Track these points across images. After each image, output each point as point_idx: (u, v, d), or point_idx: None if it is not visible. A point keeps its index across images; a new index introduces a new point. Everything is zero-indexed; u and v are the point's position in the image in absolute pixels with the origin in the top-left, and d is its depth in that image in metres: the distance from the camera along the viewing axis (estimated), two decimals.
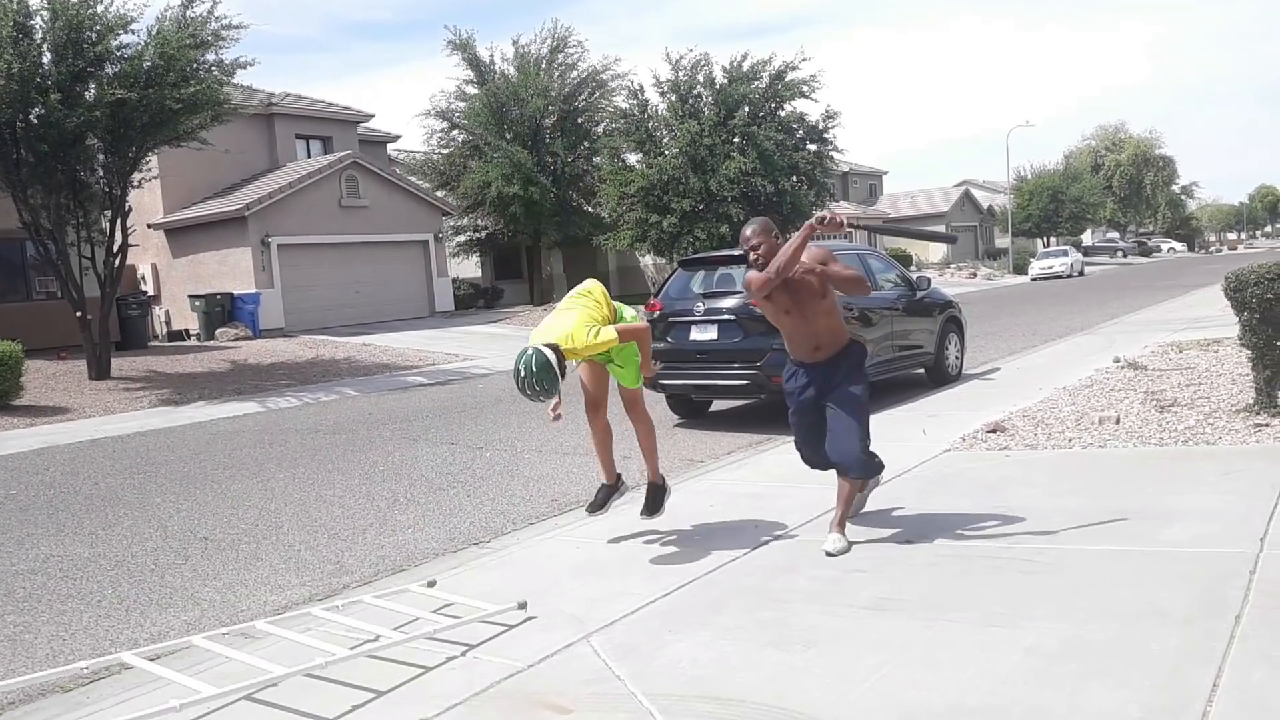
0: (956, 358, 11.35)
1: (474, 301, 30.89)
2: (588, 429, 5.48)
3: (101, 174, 16.18)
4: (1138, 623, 3.60)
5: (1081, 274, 45.02)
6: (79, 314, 15.85)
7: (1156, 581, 4.01)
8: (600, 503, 5.50)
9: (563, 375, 4.67)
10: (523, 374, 4.63)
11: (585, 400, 5.41)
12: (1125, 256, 65.12)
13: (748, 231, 4.93)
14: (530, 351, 4.65)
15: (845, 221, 4.70)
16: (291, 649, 3.82)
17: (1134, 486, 5.59)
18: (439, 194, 30.35)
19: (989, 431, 7.48)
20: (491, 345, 20.83)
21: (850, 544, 4.82)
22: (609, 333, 4.88)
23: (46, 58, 14.59)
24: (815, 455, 5.15)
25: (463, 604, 4.29)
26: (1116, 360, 10.69)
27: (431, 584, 4.52)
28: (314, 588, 5.27)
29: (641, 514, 5.49)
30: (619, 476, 5.60)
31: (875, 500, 5.80)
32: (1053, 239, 58.68)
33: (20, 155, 14.84)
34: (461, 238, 32.53)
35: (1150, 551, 4.42)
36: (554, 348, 4.68)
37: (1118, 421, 7.35)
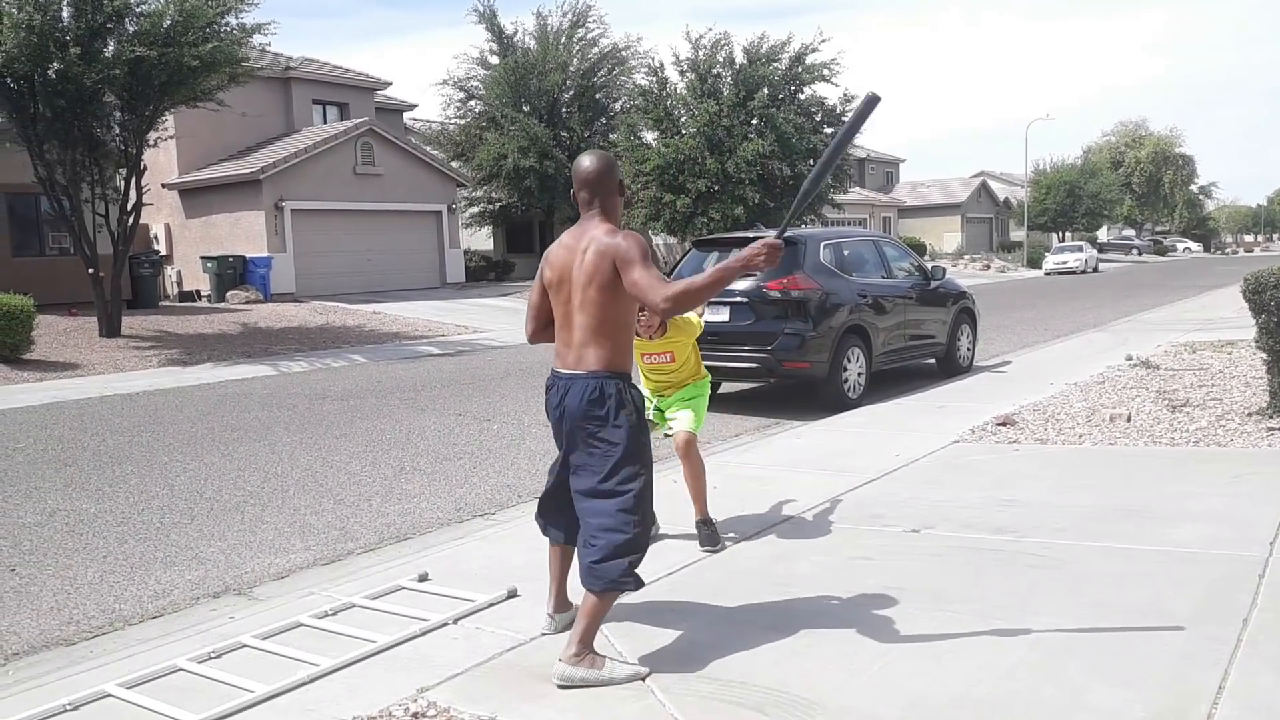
0: (968, 349, 11.30)
1: (485, 274, 30.87)
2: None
3: (118, 132, 16.17)
4: (1143, 622, 3.57)
5: (1096, 270, 44.82)
6: (91, 271, 15.87)
7: (1163, 582, 3.98)
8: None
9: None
10: None
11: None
12: (1140, 255, 64.78)
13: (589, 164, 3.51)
14: None
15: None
16: (282, 665, 3.59)
17: (1143, 485, 5.56)
18: (454, 165, 30.27)
19: (999, 424, 7.45)
20: (501, 318, 20.82)
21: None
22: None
23: (66, 12, 14.54)
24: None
25: (454, 597, 4.19)
26: (1129, 358, 10.63)
27: (424, 578, 4.44)
28: (318, 552, 5.28)
29: (704, 548, 4.76)
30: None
31: (882, 488, 5.78)
32: (1068, 234, 58.37)
33: (37, 110, 14.81)
34: (475, 209, 32.49)
35: (1158, 551, 4.39)
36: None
37: (1129, 420, 7.32)
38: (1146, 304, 21.38)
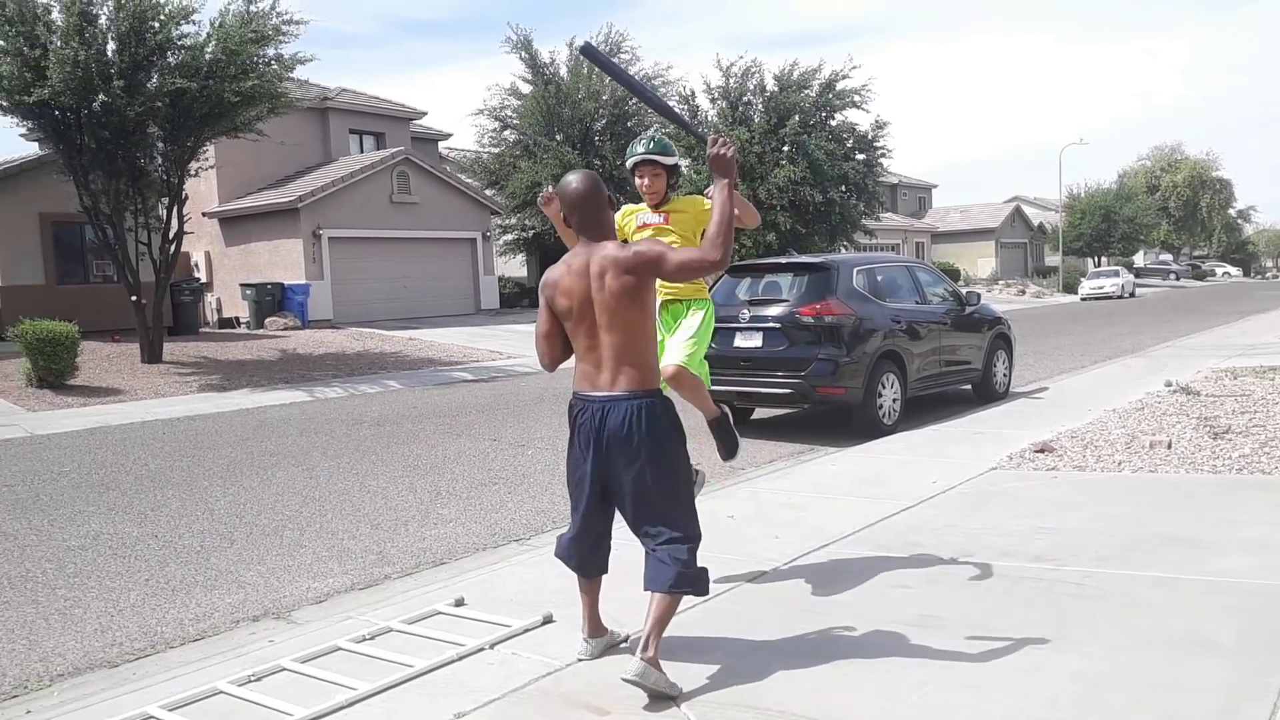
0: (1004, 375, 11.21)
1: (519, 300, 31.05)
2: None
3: (160, 162, 16.47)
4: (1188, 653, 3.52)
5: (1133, 295, 44.35)
6: (134, 298, 16.14)
7: (1207, 612, 3.92)
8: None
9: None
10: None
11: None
12: (1178, 279, 64.05)
13: (578, 185, 3.57)
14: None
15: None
16: (320, 689, 3.62)
17: (1185, 514, 5.49)
18: (488, 193, 30.57)
19: (1036, 451, 7.38)
20: (533, 345, 20.89)
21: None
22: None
23: (110, 46, 14.89)
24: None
25: (490, 622, 4.20)
26: (1168, 384, 10.49)
27: (460, 603, 4.47)
28: (355, 577, 5.32)
29: (725, 458, 4.66)
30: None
31: (919, 516, 5.74)
32: (1104, 259, 57.81)
33: (83, 141, 15.15)
34: (509, 236, 32.73)
35: (1201, 580, 4.33)
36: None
37: (1169, 446, 7.22)
38: (1185, 329, 21.10)
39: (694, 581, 3.48)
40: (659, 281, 4.22)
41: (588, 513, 3.64)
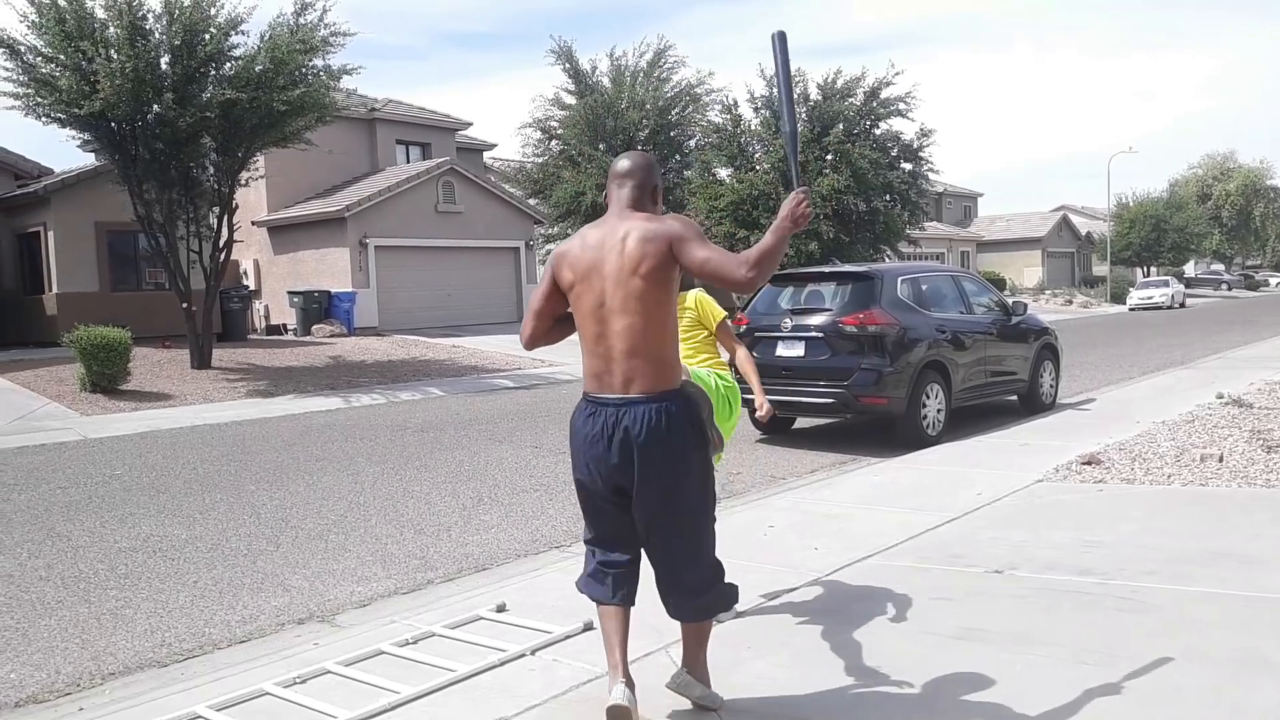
0: (1051, 386, 11.07)
1: None
2: None
3: (212, 172, 16.80)
4: (1239, 671, 3.46)
5: (1182, 306, 43.53)
6: (185, 305, 16.46)
7: (1260, 629, 3.84)
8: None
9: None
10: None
11: None
12: (1230, 289, 62.78)
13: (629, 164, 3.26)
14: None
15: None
16: (364, 692, 3.66)
17: (1237, 528, 5.38)
18: (531, 202, 30.79)
19: (1084, 463, 7.28)
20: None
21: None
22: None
23: (164, 59, 15.21)
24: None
25: (531, 629, 4.23)
26: (1220, 396, 10.29)
27: (501, 608, 4.50)
28: (399, 581, 5.38)
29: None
30: None
31: (963, 528, 5.68)
32: (1153, 269, 56.82)
33: (137, 152, 15.49)
34: (552, 246, 32.92)
35: (1254, 596, 4.24)
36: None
37: (1221, 460, 7.08)
38: (1237, 341, 20.67)
39: (711, 609, 3.27)
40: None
41: (610, 534, 3.26)
